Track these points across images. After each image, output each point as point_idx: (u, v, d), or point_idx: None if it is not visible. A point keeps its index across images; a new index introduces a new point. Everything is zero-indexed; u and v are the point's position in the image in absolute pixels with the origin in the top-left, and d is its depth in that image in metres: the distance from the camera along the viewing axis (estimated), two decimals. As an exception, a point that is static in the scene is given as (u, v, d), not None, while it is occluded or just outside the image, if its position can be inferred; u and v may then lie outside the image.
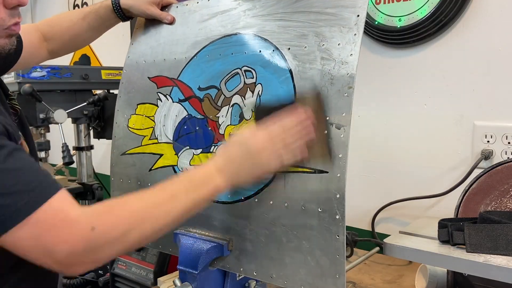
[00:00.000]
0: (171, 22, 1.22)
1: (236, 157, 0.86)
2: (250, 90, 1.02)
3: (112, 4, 1.22)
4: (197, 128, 1.11)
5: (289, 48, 0.97)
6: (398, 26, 1.47)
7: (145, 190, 0.82)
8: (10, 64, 1.11)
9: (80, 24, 1.24)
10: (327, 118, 0.89)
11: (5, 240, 0.71)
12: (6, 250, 0.74)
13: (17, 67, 1.14)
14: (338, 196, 0.86)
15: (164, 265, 1.55)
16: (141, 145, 1.21)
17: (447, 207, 1.19)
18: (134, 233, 0.76)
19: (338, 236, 0.86)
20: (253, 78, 1.02)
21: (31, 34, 1.18)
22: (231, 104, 1.05)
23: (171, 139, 1.15)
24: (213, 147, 1.07)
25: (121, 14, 1.23)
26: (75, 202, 0.75)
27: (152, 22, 1.26)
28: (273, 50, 1.00)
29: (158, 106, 1.19)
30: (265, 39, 1.01)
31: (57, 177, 2.13)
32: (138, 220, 0.77)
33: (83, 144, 2.12)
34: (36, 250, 0.72)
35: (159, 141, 1.18)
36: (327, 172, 0.88)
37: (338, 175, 0.86)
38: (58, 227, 0.71)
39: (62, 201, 0.73)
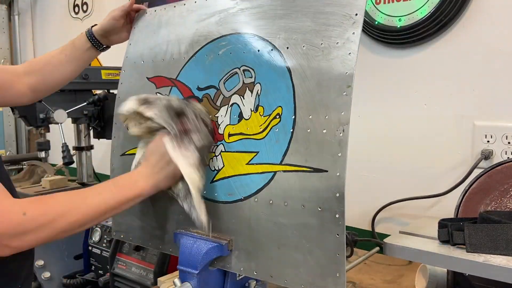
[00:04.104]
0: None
1: (156, 164, 0.98)
2: (249, 89, 1.02)
3: (86, 33, 1.25)
4: (196, 127, 1.10)
5: (287, 47, 0.97)
6: (398, 26, 1.47)
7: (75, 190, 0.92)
8: None
9: (58, 57, 1.26)
10: (326, 116, 0.89)
11: None
12: None
13: None
14: (337, 195, 0.86)
15: (164, 265, 1.55)
16: (141, 145, 1.21)
17: (447, 207, 1.19)
18: (61, 220, 0.85)
19: (338, 235, 0.86)
20: (252, 77, 1.02)
21: None
22: (230, 104, 1.05)
23: (171, 139, 1.15)
24: (212, 147, 1.07)
25: (96, 41, 1.25)
26: (9, 194, 0.83)
27: (149, 21, 1.26)
28: (272, 50, 0.99)
29: (157, 106, 1.19)
30: (264, 39, 1.01)
31: (57, 177, 2.13)
32: (65, 209, 0.86)
33: (83, 144, 2.12)
34: None
35: (158, 141, 1.17)
36: (326, 171, 0.88)
37: (338, 174, 0.86)
38: None
39: None
